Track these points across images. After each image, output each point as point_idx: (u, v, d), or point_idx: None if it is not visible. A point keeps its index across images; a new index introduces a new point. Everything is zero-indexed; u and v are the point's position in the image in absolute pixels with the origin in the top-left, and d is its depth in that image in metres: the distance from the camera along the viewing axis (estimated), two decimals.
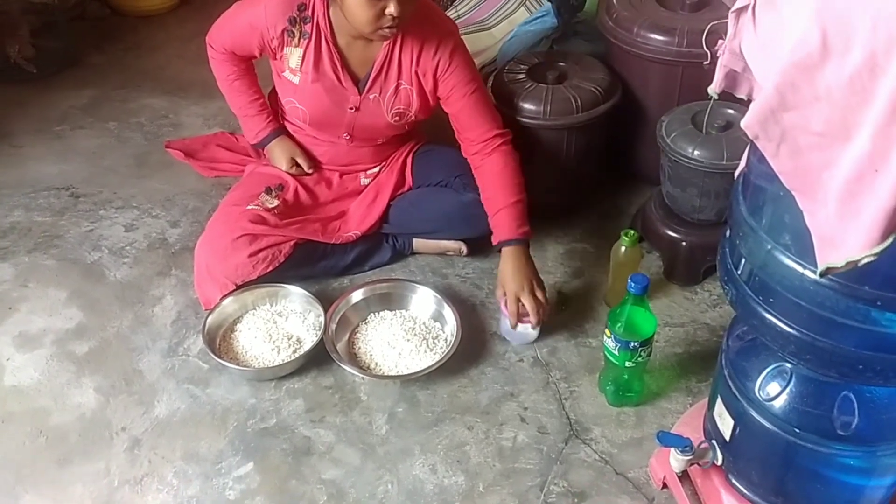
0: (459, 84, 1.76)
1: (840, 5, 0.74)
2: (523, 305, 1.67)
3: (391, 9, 1.56)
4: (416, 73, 1.76)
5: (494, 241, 1.76)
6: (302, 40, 1.73)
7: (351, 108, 1.80)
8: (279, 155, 1.93)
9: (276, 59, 1.79)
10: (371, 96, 1.79)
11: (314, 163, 1.95)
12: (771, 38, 0.85)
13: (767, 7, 0.86)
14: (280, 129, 1.93)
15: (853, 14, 0.73)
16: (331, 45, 1.74)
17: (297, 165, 1.92)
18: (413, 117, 1.83)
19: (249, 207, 1.82)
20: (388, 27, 1.61)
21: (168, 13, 3.12)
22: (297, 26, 1.72)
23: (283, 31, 1.73)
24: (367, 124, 1.83)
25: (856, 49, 0.74)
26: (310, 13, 1.72)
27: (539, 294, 1.69)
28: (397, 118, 1.82)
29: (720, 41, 1.02)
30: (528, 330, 1.71)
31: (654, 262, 1.94)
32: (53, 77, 2.68)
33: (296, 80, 1.78)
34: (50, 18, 2.75)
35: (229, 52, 1.88)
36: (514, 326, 1.69)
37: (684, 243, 1.84)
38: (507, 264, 1.71)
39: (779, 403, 1.11)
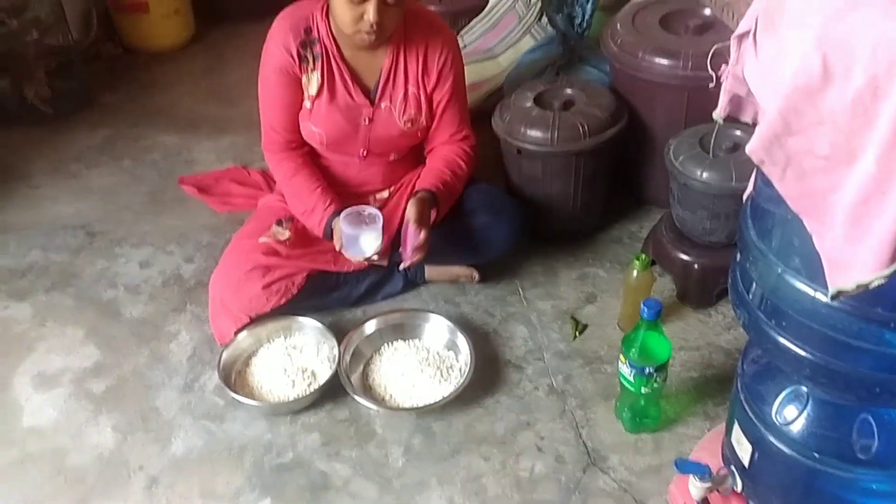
0: (453, 87, 1.85)
1: (840, 31, 0.75)
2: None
3: (369, 14, 1.63)
4: (422, 75, 1.81)
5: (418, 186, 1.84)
6: (315, 63, 1.77)
7: (365, 121, 1.83)
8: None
9: (302, 92, 1.81)
10: (383, 105, 1.82)
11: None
12: (772, 64, 0.85)
13: (768, 33, 0.87)
14: (338, 211, 1.77)
15: (853, 39, 0.74)
16: (338, 60, 1.78)
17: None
18: (424, 122, 1.87)
19: (262, 240, 1.83)
20: (366, 32, 1.66)
21: (180, 51, 3.17)
22: (308, 50, 1.76)
23: (299, 58, 1.76)
24: (381, 136, 1.86)
25: (857, 73, 0.74)
26: (316, 34, 1.76)
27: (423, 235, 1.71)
28: (409, 124, 1.85)
29: (724, 66, 1.03)
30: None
31: (666, 286, 1.93)
32: (69, 117, 2.73)
33: (309, 104, 1.81)
34: (65, 59, 2.80)
35: (280, 131, 1.83)
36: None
37: (696, 266, 1.83)
38: (422, 205, 1.75)
39: (796, 427, 1.10)
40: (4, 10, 2.59)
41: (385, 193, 1.97)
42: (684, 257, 1.84)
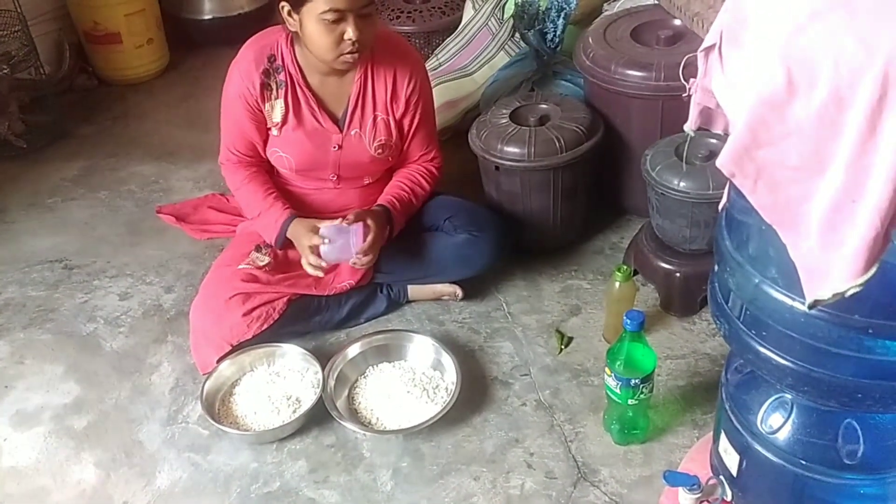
0: (423, 113, 1.86)
1: (802, 44, 0.76)
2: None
3: (349, 33, 1.63)
4: (391, 101, 1.82)
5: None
6: (279, 91, 1.77)
7: (334, 147, 1.83)
8: (301, 232, 1.77)
9: (263, 120, 1.81)
10: (352, 132, 1.82)
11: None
12: (738, 77, 0.86)
13: (733, 47, 0.88)
14: (291, 217, 1.81)
15: (816, 52, 0.75)
16: (304, 88, 1.78)
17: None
18: (394, 147, 1.88)
19: (241, 267, 1.83)
20: (349, 52, 1.66)
21: (155, 79, 3.16)
22: (272, 77, 1.76)
23: (261, 86, 1.76)
24: (351, 162, 1.86)
25: (821, 85, 0.75)
26: (280, 62, 1.77)
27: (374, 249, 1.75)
28: (380, 150, 1.86)
29: (692, 80, 1.04)
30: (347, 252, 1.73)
31: (650, 295, 1.93)
32: (44, 150, 2.71)
33: (276, 131, 1.81)
34: (39, 93, 2.79)
35: (236, 153, 1.86)
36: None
37: (678, 274, 1.84)
38: (379, 214, 1.80)
39: (782, 435, 1.10)
40: None
41: None
42: (666, 266, 1.85)
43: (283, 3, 1.66)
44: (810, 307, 0.84)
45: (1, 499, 1.58)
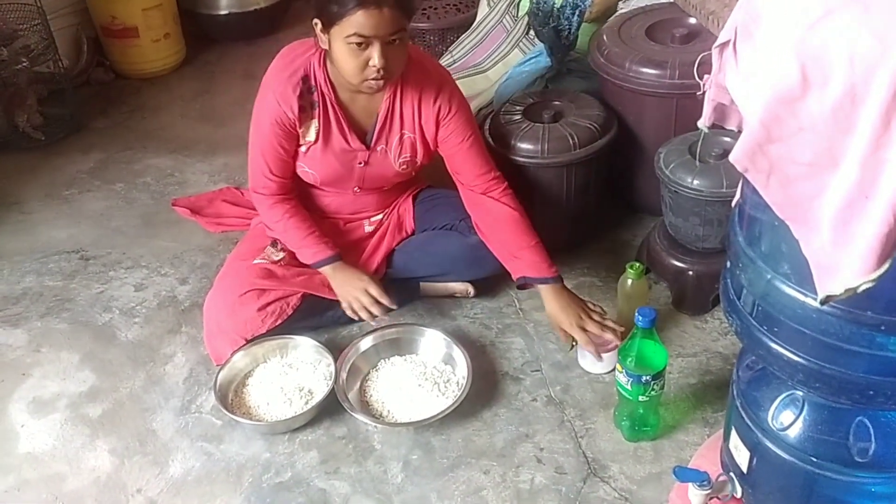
0: (458, 129, 1.79)
1: (817, 40, 0.76)
2: (595, 335, 1.67)
3: (375, 60, 1.59)
4: (419, 121, 1.79)
5: (518, 275, 1.77)
6: (313, 111, 1.74)
7: (360, 164, 1.82)
8: (339, 284, 1.79)
9: (296, 137, 1.78)
10: (378, 148, 1.81)
11: (322, 215, 1.96)
12: (752, 73, 0.86)
13: (747, 43, 0.88)
14: (336, 256, 1.81)
15: (830, 48, 0.75)
16: (335, 105, 1.75)
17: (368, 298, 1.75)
18: (419, 162, 1.87)
19: (256, 261, 1.84)
20: (373, 78, 1.62)
21: (170, 73, 3.19)
22: (307, 99, 1.73)
23: (299, 110, 1.72)
24: (376, 175, 1.86)
25: (835, 82, 0.75)
26: (313, 81, 1.73)
27: (597, 317, 1.70)
28: (405, 166, 1.85)
29: (706, 76, 1.04)
30: (611, 354, 1.68)
31: (662, 293, 1.93)
32: (61, 143, 2.74)
33: (304, 148, 1.79)
34: (56, 87, 2.82)
35: (273, 179, 1.80)
36: (599, 357, 1.69)
37: (691, 272, 1.84)
38: (555, 302, 1.72)
39: (793, 432, 1.10)
40: None
41: (379, 216, 1.98)
42: (678, 264, 1.85)
43: (315, 20, 1.64)
44: (822, 303, 0.84)
45: (18, 484, 1.61)
